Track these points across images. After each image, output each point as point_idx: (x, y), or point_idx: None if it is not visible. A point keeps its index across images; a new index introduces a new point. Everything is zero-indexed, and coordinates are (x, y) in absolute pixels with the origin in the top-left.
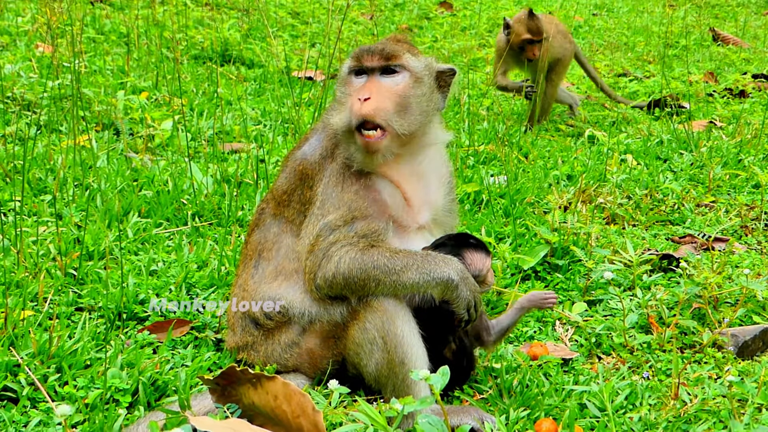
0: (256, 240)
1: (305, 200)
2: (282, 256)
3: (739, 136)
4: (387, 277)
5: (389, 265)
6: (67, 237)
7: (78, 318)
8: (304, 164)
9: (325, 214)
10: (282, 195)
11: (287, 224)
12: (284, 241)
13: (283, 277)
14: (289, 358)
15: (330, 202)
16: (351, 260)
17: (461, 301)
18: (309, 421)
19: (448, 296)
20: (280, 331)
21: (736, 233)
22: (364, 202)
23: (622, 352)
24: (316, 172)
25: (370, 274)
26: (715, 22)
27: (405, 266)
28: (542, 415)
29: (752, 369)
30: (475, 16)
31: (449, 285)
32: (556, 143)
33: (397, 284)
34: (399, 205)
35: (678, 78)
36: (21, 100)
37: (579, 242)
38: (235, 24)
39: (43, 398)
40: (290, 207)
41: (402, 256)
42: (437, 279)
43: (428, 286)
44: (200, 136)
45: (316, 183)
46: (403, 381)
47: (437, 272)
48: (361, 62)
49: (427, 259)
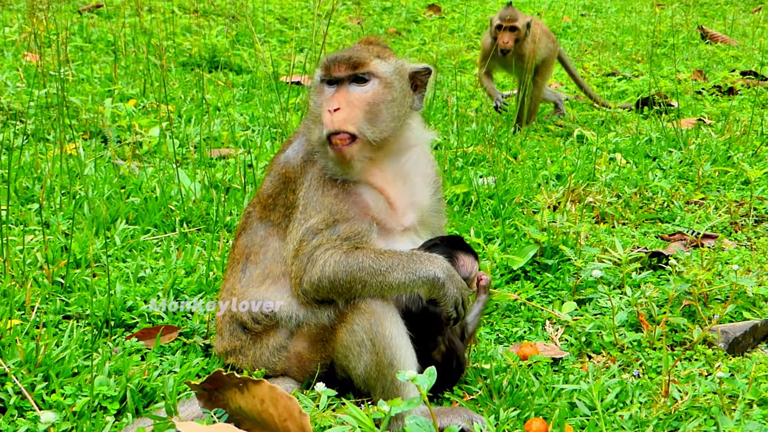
0: (243, 244)
1: (289, 204)
2: (269, 260)
3: (728, 133)
4: (373, 278)
5: (374, 266)
6: (54, 245)
7: (65, 326)
8: (287, 168)
9: (307, 219)
10: (267, 199)
11: (273, 228)
12: (271, 244)
13: (271, 280)
14: (277, 362)
15: (311, 206)
16: (336, 263)
17: (449, 299)
18: (296, 424)
19: (435, 295)
20: (268, 335)
21: (726, 230)
22: (344, 204)
23: (612, 351)
24: (299, 176)
25: (356, 276)
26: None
27: (390, 267)
28: (532, 414)
29: (743, 365)
30: (463, 18)
31: (435, 283)
32: (545, 143)
33: (384, 285)
34: (382, 207)
35: (667, 76)
36: (8, 109)
37: (568, 241)
38: (223, 30)
39: (30, 407)
40: (275, 211)
41: (387, 256)
42: (423, 278)
43: (415, 286)
44: (188, 142)
45: (298, 187)
46: (392, 383)
47: (423, 271)
48: (330, 72)
49: (412, 259)
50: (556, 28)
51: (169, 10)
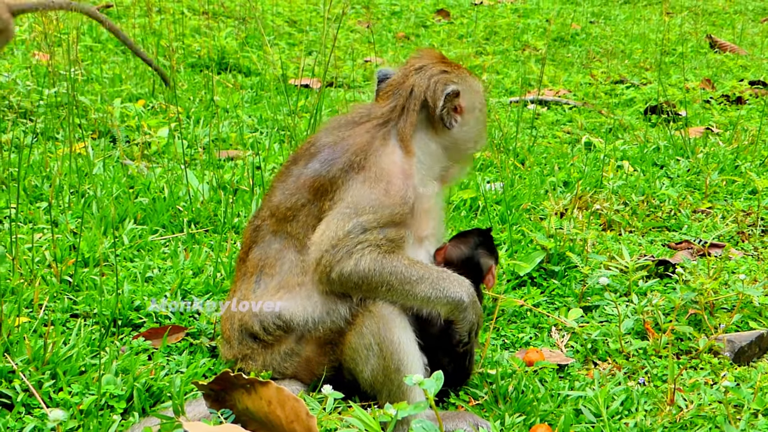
0: (257, 257)
1: (319, 212)
2: (286, 272)
3: (736, 143)
4: (401, 285)
5: (406, 274)
6: (62, 244)
7: (73, 324)
8: (320, 180)
9: (359, 214)
10: (286, 212)
11: (290, 240)
12: (288, 256)
13: (286, 290)
14: (288, 366)
15: (366, 204)
16: (372, 261)
17: (466, 324)
18: (303, 426)
19: (455, 317)
20: (279, 342)
21: (733, 239)
22: (405, 209)
23: (618, 358)
24: (339, 185)
25: (385, 279)
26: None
27: (420, 278)
28: (537, 420)
29: (748, 375)
30: (472, 23)
31: (459, 306)
32: (553, 150)
33: (409, 294)
34: (423, 214)
35: (675, 85)
36: (18, 108)
37: (575, 248)
38: (232, 32)
39: (37, 404)
40: (295, 222)
41: (419, 267)
42: (449, 297)
43: (438, 303)
44: (196, 143)
45: (338, 194)
46: (398, 388)
47: (450, 291)
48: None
49: (441, 276)
50: (564, 35)
51: (178, 11)
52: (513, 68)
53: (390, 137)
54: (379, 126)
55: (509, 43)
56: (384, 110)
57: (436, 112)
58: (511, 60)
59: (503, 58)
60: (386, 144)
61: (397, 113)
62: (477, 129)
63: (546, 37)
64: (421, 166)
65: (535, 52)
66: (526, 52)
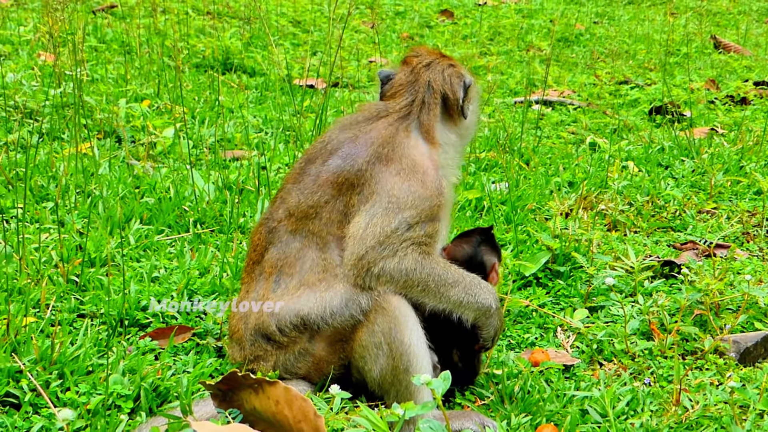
0: (275, 257)
1: (345, 207)
2: (307, 270)
3: (741, 143)
4: (436, 287)
5: (443, 276)
6: (69, 244)
7: (80, 324)
8: (345, 175)
9: (402, 209)
10: (308, 210)
11: (312, 238)
12: (309, 255)
13: (306, 287)
14: (301, 366)
15: (407, 196)
16: (413, 260)
17: (491, 330)
18: (311, 426)
19: (482, 322)
20: (294, 342)
21: (738, 240)
22: (442, 201)
23: (623, 359)
24: (367, 178)
25: (423, 279)
26: (717, 29)
27: (455, 282)
28: (543, 420)
29: (754, 375)
30: (476, 24)
31: (488, 312)
32: (558, 150)
33: (443, 297)
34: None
35: (679, 85)
36: (23, 108)
37: (580, 249)
38: (237, 33)
39: (45, 404)
40: (318, 219)
41: (454, 271)
42: (480, 303)
43: (469, 308)
44: (202, 143)
45: (367, 186)
46: (406, 388)
47: (481, 297)
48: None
49: (474, 282)
50: (569, 36)
51: (183, 11)
52: (517, 69)
53: (412, 129)
54: (401, 119)
55: (513, 43)
56: (402, 105)
57: (458, 104)
58: (515, 60)
59: (507, 58)
60: (409, 136)
61: (418, 106)
62: (478, 115)
63: (550, 37)
64: (445, 156)
65: (539, 53)
66: (531, 53)
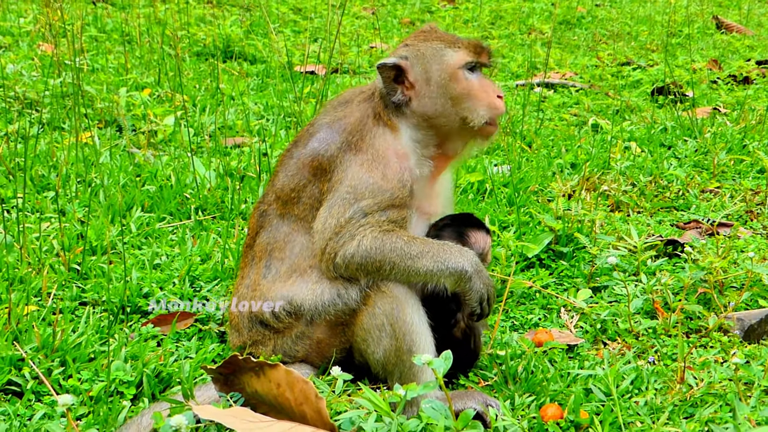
0: (265, 241)
1: (318, 194)
2: (296, 255)
3: (744, 122)
4: (402, 262)
5: (406, 250)
6: (70, 232)
7: (81, 312)
8: (319, 159)
9: (358, 199)
10: (290, 193)
11: (298, 222)
12: (297, 239)
13: (298, 274)
14: (299, 349)
15: (364, 188)
16: (372, 240)
17: (474, 294)
18: (312, 408)
19: (461, 288)
20: (290, 327)
21: (741, 218)
22: (405, 191)
23: (627, 338)
24: (337, 165)
25: (387, 257)
26: (719, 10)
27: (421, 253)
28: (548, 400)
29: (758, 352)
30: (478, 8)
31: (463, 276)
32: (560, 132)
33: (411, 270)
34: (427, 194)
35: (682, 66)
36: (23, 98)
37: (583, 229)
38: (237, 20)
39: (47, 391)
40: (300, 204)
41: (419, 242)
42: (451, 269)
43: (442, 275)
44: (203, 131)
45: (335, 174)
46: (409, 369)
47: (452, 262)
48: (479, 58)
49: (443, 248)
50: (570, 18)
51: (183, 0)
52: (519, 52)
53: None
54: (366, 105)
55: (515, 27)
56: (368, 91)
57: (386, 93)
58: (517, 44)
59: (509, 42)
60: (377, 124)
61: (377, 93)
62: (446, 97)
63: (552, 20)
64: (415, 145)
65: (541, 36)
66: (532, 36)
